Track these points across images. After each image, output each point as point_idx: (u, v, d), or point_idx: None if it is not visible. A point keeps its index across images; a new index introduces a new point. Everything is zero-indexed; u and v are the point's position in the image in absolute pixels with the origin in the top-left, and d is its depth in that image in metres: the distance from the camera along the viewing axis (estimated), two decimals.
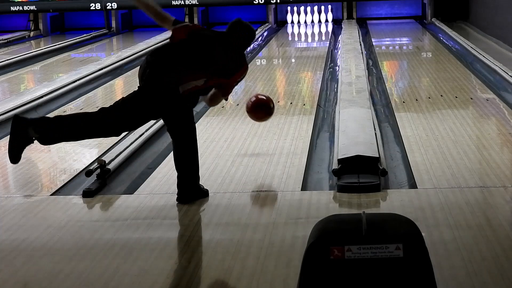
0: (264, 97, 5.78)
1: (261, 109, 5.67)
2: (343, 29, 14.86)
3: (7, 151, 4.59)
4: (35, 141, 4.62)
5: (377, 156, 5.29)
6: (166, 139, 6.51)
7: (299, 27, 16.65)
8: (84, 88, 9.63)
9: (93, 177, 5.29)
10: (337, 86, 8.87)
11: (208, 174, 5.38)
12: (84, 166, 5.80)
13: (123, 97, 4.70)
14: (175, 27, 4.87)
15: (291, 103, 8.09)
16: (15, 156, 4.60)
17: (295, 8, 16.95)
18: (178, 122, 4.74)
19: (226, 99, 4.97)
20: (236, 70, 4.80)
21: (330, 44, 13.53)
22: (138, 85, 4.73)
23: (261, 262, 3.83)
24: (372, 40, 13.67)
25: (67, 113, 7.96)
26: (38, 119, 4.63)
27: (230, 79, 4.78)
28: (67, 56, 13.20)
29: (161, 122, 6.65)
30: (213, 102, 4.96)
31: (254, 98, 5.72)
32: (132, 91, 4.71)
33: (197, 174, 4.85)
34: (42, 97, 8.54)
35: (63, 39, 15.49)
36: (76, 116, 4.73)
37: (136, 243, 4.21)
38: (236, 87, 5.06)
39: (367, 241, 2.65)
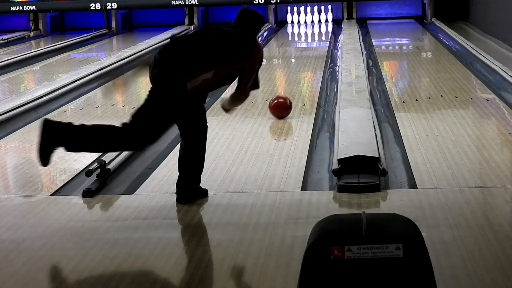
0: (283, 99, 7.36)
1: (282, 108, 7.26)
2: (343, 29, 14.86)
3: (37, 153, 4.49)
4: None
5: (377, 156, 5.29)
6: (166, 139, 6.51)
7: (299, 27, 16.65)
8: (84, 88, 9.63)
9: (93, 177, 5.29)
10: (337, 86, 8.86)
11: (208, 174, 5.37)
12: (84, 166, 5.79)
13: (137, 108, 4.59)
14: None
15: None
16: (44, 159, 4.50)
17: (295, 8, 16.95)
18: (188, 122, 4.68)
19: (256, 87, 4.76)
20: (247, 53, 4.65)
21: (330, 44, 13.53)
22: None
23: (261, 262, 3.82)
24: (372, 40, 13.67)
25: (73, 116, 7.97)
26: (64, 125, 4.52)
27: (244, 63, 4.63)
28: (67, 56, 13.20)
29: None
30: (241, 95, 4.76)
31: (277, 100, 7.29)
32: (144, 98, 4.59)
33: (199, 176, 4.83)
34: (42, 97, 8.54)
35: (63, 39, 15.49)
36: (100, 128, 4.60)
37: (136, 243, 4.21)
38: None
39: (367, 241, 2.65)
